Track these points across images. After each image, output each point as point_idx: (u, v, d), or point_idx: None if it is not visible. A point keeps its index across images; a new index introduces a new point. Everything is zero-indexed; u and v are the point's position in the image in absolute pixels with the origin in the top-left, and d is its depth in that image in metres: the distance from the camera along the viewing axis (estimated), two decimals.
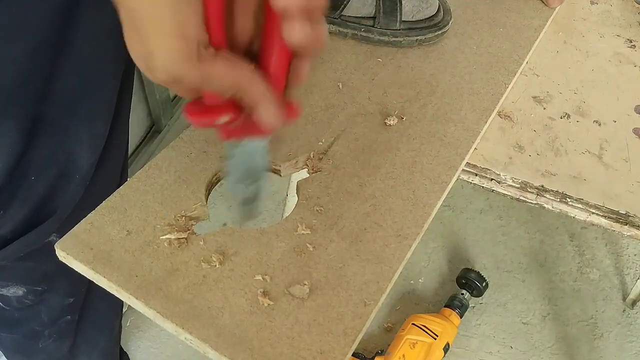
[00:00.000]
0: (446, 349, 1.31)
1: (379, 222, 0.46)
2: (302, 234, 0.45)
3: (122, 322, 0.94)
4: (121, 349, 1.10)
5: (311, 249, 0.44)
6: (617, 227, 0.54)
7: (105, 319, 0.84)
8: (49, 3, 0.45)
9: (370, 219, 0.47)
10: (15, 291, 0.64)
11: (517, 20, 0.71)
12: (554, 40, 0.72)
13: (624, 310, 1.50)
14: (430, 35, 0.63)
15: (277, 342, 0.38)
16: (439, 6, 0.65)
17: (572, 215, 0.56)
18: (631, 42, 0.75)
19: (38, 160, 0.53)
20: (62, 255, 0.42)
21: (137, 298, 0.40)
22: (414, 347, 1.30)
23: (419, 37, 0.63)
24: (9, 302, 0.67)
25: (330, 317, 0.40)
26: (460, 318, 1.38)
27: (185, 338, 0.39)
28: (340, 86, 0.58)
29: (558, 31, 0.74)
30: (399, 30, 0.62)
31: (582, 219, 0.55)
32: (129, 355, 1.22)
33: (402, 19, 0.62)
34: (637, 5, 0.81)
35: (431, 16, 0.63)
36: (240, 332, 0.38)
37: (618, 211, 0.54)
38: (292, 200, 1.03)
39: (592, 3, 0.81)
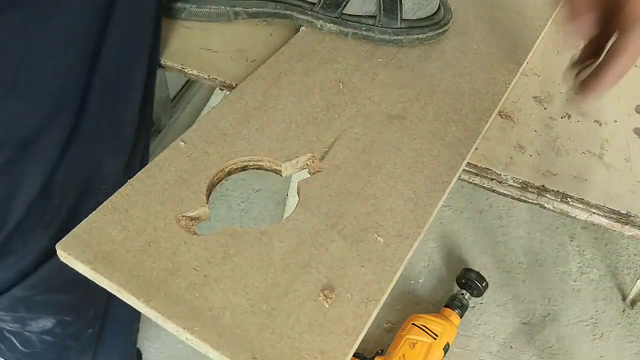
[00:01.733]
0: (446, 349, 1.31)
1: (380, 222, 0.46)
2: (303, 234, 0.45)
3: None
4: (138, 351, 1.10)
5: (312, 249, 0.44)
6: (617, 227, 0.54)
7: (124, 324, 0.84)
8: (85, 15, 0.46)
9: (372, 219, 0.47)
10: (44, 324, 0.64)
11: (518, 20, 0.71)
12: (555, 40, 0.72)
13: (624, 311, 1.50)
14: (431, 33, 0.63)
15: (278, 342, 0.38)
16: (439, 5, 0.65)
17: (572, 215, 0.55)
18: None
19: (64, 177, 0.53)
20: (63, 255, 0.42)
21: (137, 298, 0.40)
22: (414, 347, 1.30)
23: (419, 36, 0.62)
24: (30, 344, 0.66)
25: (331, 317, 0.40)
26: (460, 318, 1.38)
27: (187, 338, 0.39)
28: (341, 86, 0.58)
29: (559, 31, 0.74)
30: (400, 28, 0.62)
31: (582, 219, 0.55)
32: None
33: (403, 18, 0.62)
34: None
35: (431, 15, 0.63)
36: (241, 332, 0.38)
37: (619, 211, 0.54)
38: (293, 200, 1.03)
39: None
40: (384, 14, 0.61)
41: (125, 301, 0.41)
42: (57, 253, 0.43)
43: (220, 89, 0.65)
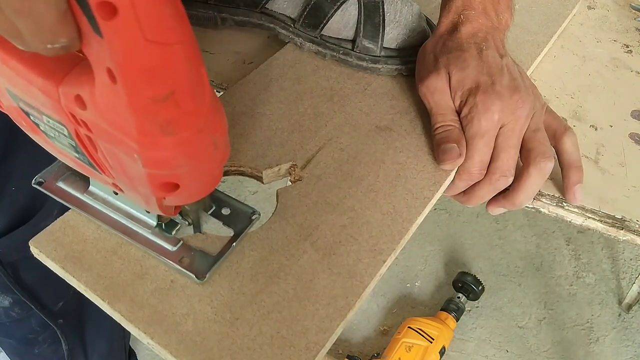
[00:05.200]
0: (442, 352, 1.31)
1: (354, 235, 0.46)
2: (276, 243, 0.45)
3: None
4: (131, 350, 1.10)
5: (283, 259, 0.44)
6: (613, 231, 0.54)
7: (104, 323, 0.85)
8: None
9: (347, 232, 0.46)
10: (1, 300, 0.65)
11: (520, 35, 0.70)
12: (551, 45, 0.72)
13: (619, 315, 1.49)
14: (411, 65, 0.60)
15: (237, 353, 0.38)
16: (428, 35, 0.61)
17: (568, 219, 0.55)
18: (627, 47, 0.74)
19: (19, 168, 0.53)
20: (35, 252, 0.43)
21: (102, 300, 0.40)
22: (409, 350, 1.30)
23: (398, 67, 0.60)
24: None
25: (295, 330, 0.40)
26: (457, 321, 1.39)
27: (148, 343, 0.39)
28: (332, 94, 0.58)
29: (560, 44, 0.74)
30: (379, 57, 0.60)
31: (578, 223, 0.55)
32: None
33: (384, 46, 0.60)
34: (634, 11, 0.80)
35: (417, 45, 0.60)
36: (201, 340, 0.38)
37: (614, 216, 0.54)
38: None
39: (589, 8, 0.81)
40: (364, 39, 0.59)
41: (93, 301, 0.41)
42: (31, 249, 0.43)
43: (217, 91, 0.65)
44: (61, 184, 0.46)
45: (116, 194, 0.43)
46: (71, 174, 0.46)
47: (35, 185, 0.45)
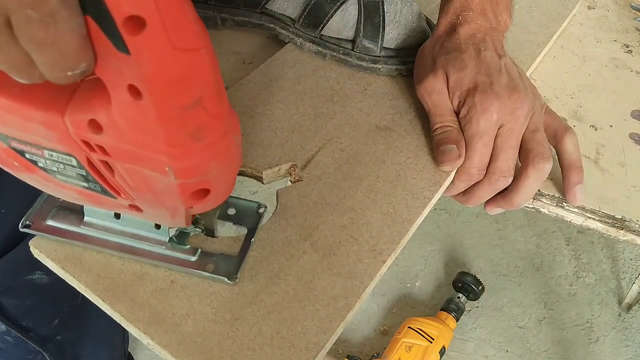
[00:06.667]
0: (442, 352, 1.31)
1: (355, 235, 0.46)
2: (276, 244, 0.45)
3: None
4: (130, 355, 1.10)
5: (283, 259, 0.44)
6: (613, 231, 0.54)
7: (104, 334, 0.84)
8: None
9: (347, 232, 0.46)
10: None
11: (520, 35, 0.70)
12: (551, 45, 0.72)
13: (619, 315, 1.49)
14: (410, 65, 0.59)
15: (237, 354, 0.38)
16: (428, 35, 0.61)
17: (568, 219, 0.55)
18: (628, 47, 0.74)
19: (8, 190, 0.53)
20: (35, 252, 0.43)
21: (103, 300, 0.40)
22: (409, 350, 1.30)
23: (398, 67, 0.60)
24: None
25: (295, 330, 0.40)
26: (457, 321, 1.39)
27: (148, 343, 0.39)
28: (332, 95, 0.58)
29: (560, 44, 0.74)
30: (379, 57, 0.59)
31: (578, 223, 0.55)
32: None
33: (384, 46, 0.60)
34: (634, 11, 0.80)
35: (417, 45, 0.60)
36: (201, 341, 0.38)
37: (614, 216, 0.54)
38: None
39: (589, 8, 0.81)
40: (364, 39, 0.59)
41: (93, 301, 0.41)
42: (31, 250, 0.43)
43: None
44: (51, 222, 0.43)
45: (117, 218, 0.42)
46: (59, 209, 0.43)
47: (24, 230, 0.42)
